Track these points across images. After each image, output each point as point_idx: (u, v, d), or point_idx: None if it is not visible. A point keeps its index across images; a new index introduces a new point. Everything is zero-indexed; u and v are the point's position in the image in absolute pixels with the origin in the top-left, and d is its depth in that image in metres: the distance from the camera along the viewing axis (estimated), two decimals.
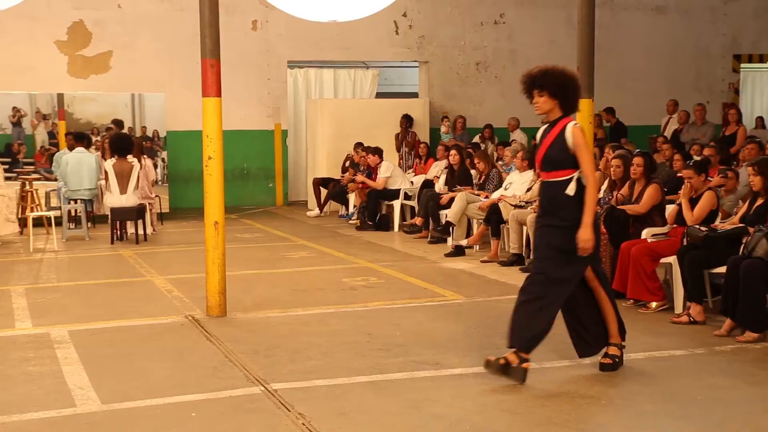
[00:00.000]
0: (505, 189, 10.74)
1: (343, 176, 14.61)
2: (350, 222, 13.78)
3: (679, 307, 7.25)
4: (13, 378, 5.62)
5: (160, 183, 14.88)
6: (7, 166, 13.58)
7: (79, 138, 13.33)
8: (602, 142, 12.10)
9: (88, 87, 15.36)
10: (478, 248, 10.76)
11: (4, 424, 4.73)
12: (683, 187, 7.78)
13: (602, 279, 5.60)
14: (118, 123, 15.21)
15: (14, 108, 15.29)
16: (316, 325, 7.05)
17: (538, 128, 16.71)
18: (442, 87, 17.49)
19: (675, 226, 7.76)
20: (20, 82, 15.01)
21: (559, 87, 5.41)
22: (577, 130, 5.38)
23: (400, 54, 17.37)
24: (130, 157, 12.05)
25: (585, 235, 5.31)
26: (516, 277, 8.98)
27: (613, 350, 5.67)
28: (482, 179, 11.49)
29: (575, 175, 5.37)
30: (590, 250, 5.35)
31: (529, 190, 10.22)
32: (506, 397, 5.13)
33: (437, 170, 13.27)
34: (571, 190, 5.35)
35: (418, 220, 12.23)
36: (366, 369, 5.71)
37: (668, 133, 14.60)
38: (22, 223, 12.67)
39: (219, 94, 7.25)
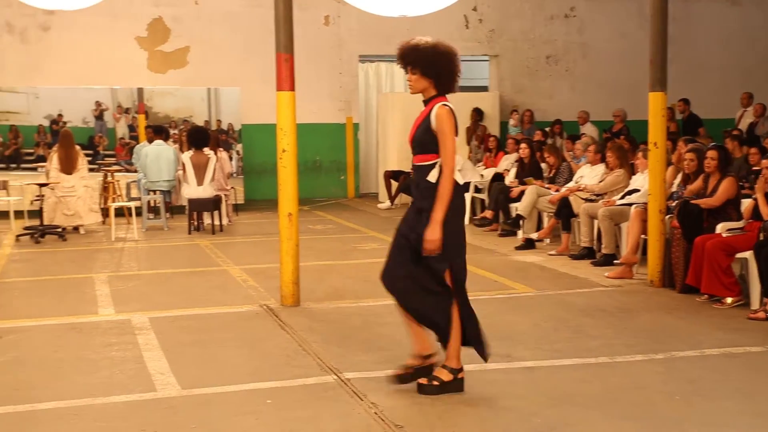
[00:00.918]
0: (576, 182, 10.59)
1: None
2: None
3: (755, 302, 7.05)
4: (97, 362, 5.76)
5: (235, 175, 15.08)
6: (90, 158, 13.91)
7: (158, 131, 13.58)
8: (675, 136, 11.83)
9: (166, 81, 15.63)
10: (548, 241, 10.65)
11: (90, 406, 4.84)
12: (759, 180, 7.57)
13: (457, 286, 4.99)
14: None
15: (97, 102, 15.66)
16: (388, 315, 7.02)
17: (609, 122, 16.40)
18: (512, 80, 17.35)
19: (751, 220, 7.55)
20: (102, 77, 15.35)
21: (429, 65, 4.77)
22: (443, 113, 4.73)
23: (470, 48, 17.26)
24: (206, 150, 12.24)
25: (430, 234, 4.69)
26: (586, 271, 8.88)
27: (438, 371, 4.99)
28: (552, 172, 11.35)
29: (440, 160, 4.77)
30: (435, 251, 4.73)
31: (600, 182, 10.06)
32: (578, 391, 5.06)
33: (507, 163, 13.17)
34: (432, 176, 4.76)
35: (488, 213, 12.15)
36: None
37: (743, 126, 14.21)
38: (105, 212, 12.97)
39: (293, 88, 7.29)
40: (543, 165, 11.79)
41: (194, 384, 5.24)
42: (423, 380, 5.02)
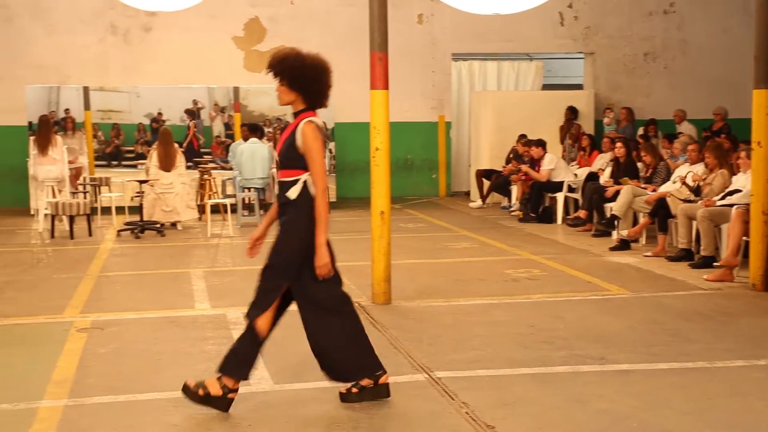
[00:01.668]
0: (673, 182, 10.33)
1: (504, 167, 14.49)
2: (512, 213, 13.65)
3: None
4: (193, 355, 5.90)
5: (327, 173, 15.22)
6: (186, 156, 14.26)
7: (253, 129, 13.79)
8: None
9: (261, 81, 15.85)
10: (644, 242, 10.42)
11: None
12: None
13: (281, 307, 4.83)
14: (193, 113, 15.82)
15: (194, 101, 16.05)
16: (479, 315, 7.02)
17: (709, 120, 15.93)
18: (608, 78, 17.03)
19: None
20: (200, 76, 15.71)
21: (296, 77, 4.63)
22: (308, 130, 4.60)
23: (565, 45, 17.03)
24: None
25: (320, 259, 4.63)
26: (684, 273, 8.65)
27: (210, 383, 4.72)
28: (649, 172, 11.10)
29: (302, 177, 4.66)
30: (328, 274, 4.68)
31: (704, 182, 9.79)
32: (675, 396, 4.93)
33: (602, 162, 12.95)
34: (293, 192, 4.67)
35: (582, 213, 11.97)
36: (529, 361, 5.64)
37: None
38: (201, 209, 13.28)
39: (386, 87, 7.32)
40: (639, 164, 11.53)
41: (287, 379, 5.32)
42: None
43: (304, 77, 4.65)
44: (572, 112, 15.56)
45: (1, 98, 15.01)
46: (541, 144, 13.30)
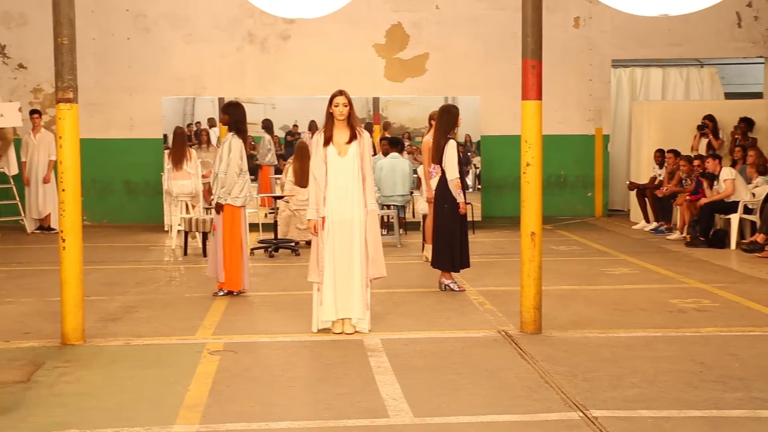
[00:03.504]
0: None
1: (653, 183, 14.08)
2: (668, 238, 13.29)
3: None
4: (329, 383, 5.99)
5: (471, 190, 15.22)
6: None
7: (394, 143, 13.94)
8: None
9: (403, 90, 16.04)
10: None
11: (321, 429, 5.05)
12: None
13: None
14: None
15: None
16: (640, 349, 6.84)
17: None
18: None
19: None
20: (338, 86, 15.85)
21: None
22: None
23: (743, 49, 16.44)
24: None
25: None
26: None
27: None
28: None
29: None
30: None
31: None
32: None
33: None
34: None
35: (760, 237, 11.50)
36: (699, 402, 5.45)
37: None
38: None
39: (540, 97, 7.27)
40: None
41: (428, 412, 5.33)
42: None
43: None
44: (747, 124, 14.95)
45: (139, 110, 15.77)
46: (717, 157, 12.92)
